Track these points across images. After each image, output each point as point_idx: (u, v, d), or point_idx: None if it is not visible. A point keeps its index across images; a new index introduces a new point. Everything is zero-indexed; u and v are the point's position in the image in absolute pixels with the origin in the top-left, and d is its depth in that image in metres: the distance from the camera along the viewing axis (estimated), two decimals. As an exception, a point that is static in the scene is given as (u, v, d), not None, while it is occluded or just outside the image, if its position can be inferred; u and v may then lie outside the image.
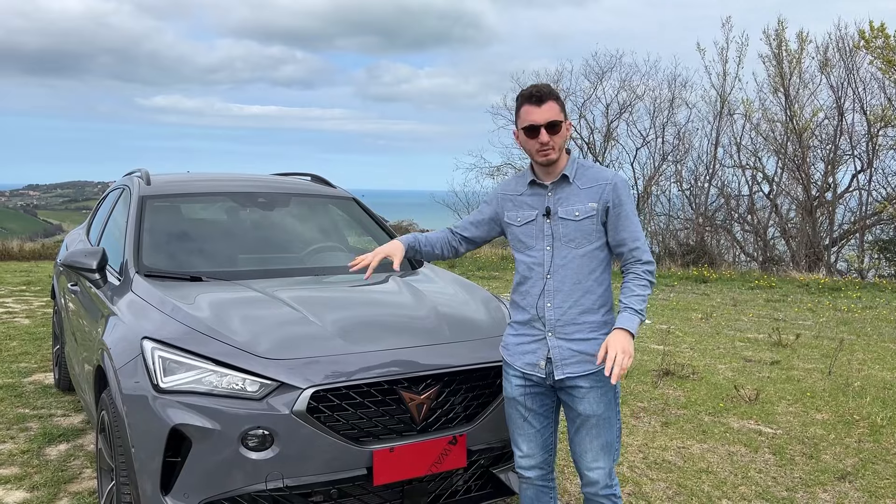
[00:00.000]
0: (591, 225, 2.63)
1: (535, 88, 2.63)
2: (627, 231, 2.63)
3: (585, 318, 2.64)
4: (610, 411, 2.68)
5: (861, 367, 6.60)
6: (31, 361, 6.43)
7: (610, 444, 2.70)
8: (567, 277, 2.64)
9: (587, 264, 2.64)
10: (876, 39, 16.23)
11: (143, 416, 2.76)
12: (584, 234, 2.63)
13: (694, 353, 7.18)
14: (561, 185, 2.67)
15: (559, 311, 2.64)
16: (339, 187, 4.92)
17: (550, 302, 2.65)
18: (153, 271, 3.58)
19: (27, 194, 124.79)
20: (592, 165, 2.73)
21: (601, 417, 2.66)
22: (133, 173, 4.65)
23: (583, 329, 2.64)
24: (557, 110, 2.60)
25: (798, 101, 18.77)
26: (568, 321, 2.64)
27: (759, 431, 4.82)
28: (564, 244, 2.65)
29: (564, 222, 2.64)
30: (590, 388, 2.63)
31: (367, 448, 2.78)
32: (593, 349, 2.61)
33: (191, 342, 2.85)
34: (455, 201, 22.17)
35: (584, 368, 2.62)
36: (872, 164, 18.23)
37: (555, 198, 2.67)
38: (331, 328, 3.04)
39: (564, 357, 2.64)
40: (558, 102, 2.62)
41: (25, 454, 4.21)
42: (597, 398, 2.64)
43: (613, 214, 2.62)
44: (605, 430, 2.67)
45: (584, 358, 2.62)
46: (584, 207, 2.63)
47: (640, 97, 20.33)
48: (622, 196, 2.63)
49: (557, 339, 2.65)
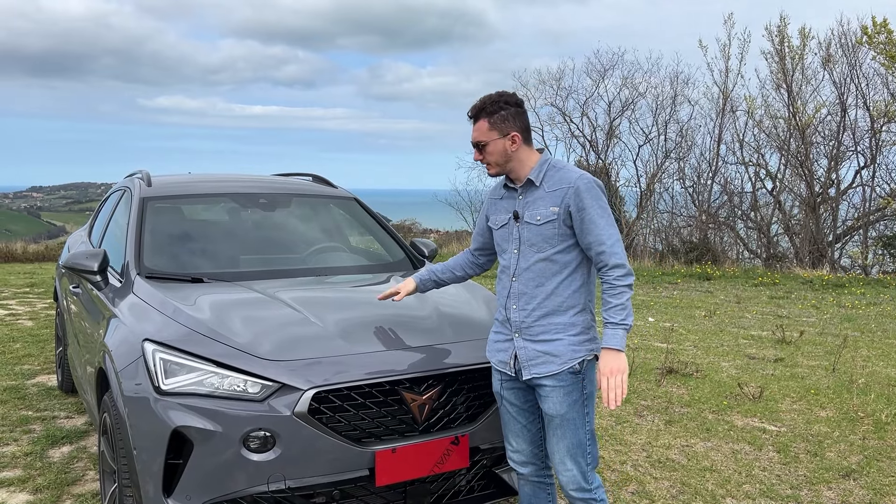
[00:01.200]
0: (552, 229, 2.61)
1: (473, 105, 2.68)
2: (592, 235, 2.56)
3: (550, 319, 2.63)
4: (574, 413, 2.64)
5: (865, 364, 6.58)
6: (35, 363, 6.43)
7: (578, 447, 2.66)
8: (531, 280, 2.65)
9: (550, 268, 2.63)
10: (878, 35, 16.18)
11: (145, 418, 2.76)
12: (546, 239, 2.62)
13: (697, 351, 7.16)
14: (529, 189, 2.67)
15: (524, 314, 2.66)
16: (341, 187, 4.91)
17: (516, 304, 2.68)
18: (154, 273, 3.58)
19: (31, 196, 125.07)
20: (563, 167, 2.68)
21: (564, 418, 2.64)
22: (134, 175, 4.65)
23: (548, 330, 2.64)
24: (485, 129, 2.63)
25: (801, 98, 18.71)
26: (532, 322, 2.65)
27: (763, 429, 4.80)
28: (528, 248, 2.65)
29: (528, 226, 2.65)
30: (553, 388, 2.63)
31: (369, 449, 2.77)
32: (558, 349, 2.62)
33: (192, 344, 2.85)
34: (458, 200, 22.20)
35: (548, 369, 2.63)
36: (876, 160, 18.17)
37: (524, 201, 2.68)
38: (332, 329, 3.03)
39: (530, 357, 2.66)
40: (490, 119, 2.62)
41: (29, 456, 4.21)
42: (559, 398, 2.63)
43: (577, 219, 2.58)
44: (570, 432, 2.65)
45: (548, 359, 2.63)
46: (546, 212, 2.61)
47: (642, 94, 20.30)
48: (584, 199, 2.56)
49: (524, 340, 2.67)
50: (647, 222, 20.74)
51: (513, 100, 2.67)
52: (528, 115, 2.78)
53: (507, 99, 2.66)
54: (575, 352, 2.63)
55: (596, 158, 20.60)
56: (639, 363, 6.46)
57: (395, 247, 4.44)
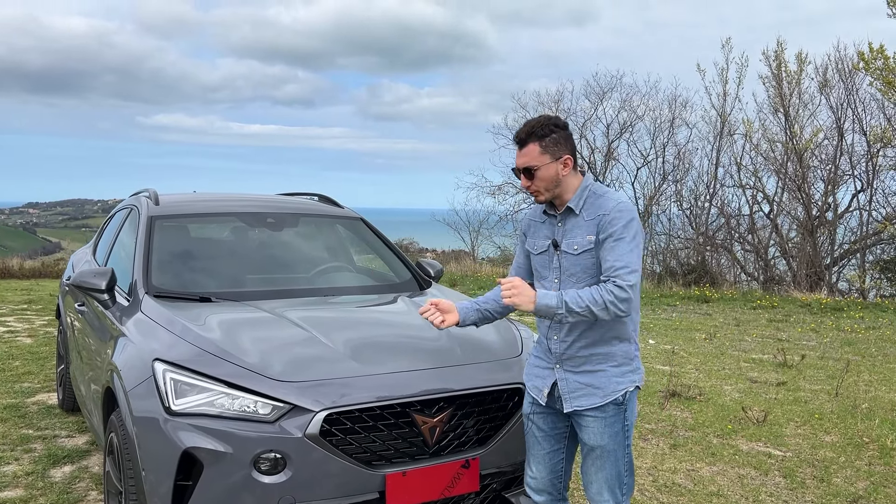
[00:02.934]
0: (590, 259, 2.53)
1: (520, 129, 2.58)
2: (613, 254, 2.45)
3: (592, 350, 2.58)
4: (615, 444, 2.60)
5: (868, 389, 6.57)
6: (35, 381, 6.39)
7: (616, 478, 2.62)
8: None
9: None
10: (875, 61, 16.33)
11: (155, 439, 2.74)
12: (584, 269, 2.54)
13: (700, 374, 7.15)
14: (568, 216, 2.60)
15: (564, 345, 2.61)
16: (347, 207, 4.93)
17: (557, 335, 2.63)
18: (162, 292, 3.57)
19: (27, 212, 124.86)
20: (604, 193, 2.59)
21: (605, 450, 2.60)
22: (141, 193, 4.65)
23: (590, 361, 2.59)
24: (537, 153, 2.52)
25: (798, 122, 18.84)
26: (573, 354, 2.60)
27: (768, 454, 4.78)
28: (568, 278, 2.58)
29: (566, 256, 2.58)
30: (594, 419, 2.59)
31: (379, 472, 2.75)
32: (601, 381, 2.57)
33: (202, 364, 2.83)
34: (455, 220, 22.19)
35: (591, 402, 2.58)
36: (872, 185, 18.27)
37: (563, 229, 2.61)
38: (342, 349, 3.02)
39: (572, 389, 2.61)
40: (541, 143, 2.52)
41: (30, 476, 4.16)
42: (600, 430, 2.59)
43: (605, 243, 2.49)
44: (609, 464, 2.61)
45: (590, 391, 2.58)
46: (583, 241, 2.54)
47: (640, 117, 20.43)
48: (616, 225, 2.47)
49: (565, 372, 2.62)
50: (644, 244, 20.76)
51: (562, 123, 2.59)
52: None
53: (556, 122, 2.58)
54: (618, 384, 2.58)
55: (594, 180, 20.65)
56: (642, 386, 6.43)
57: (401, 267, 4.44)
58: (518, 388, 3.10)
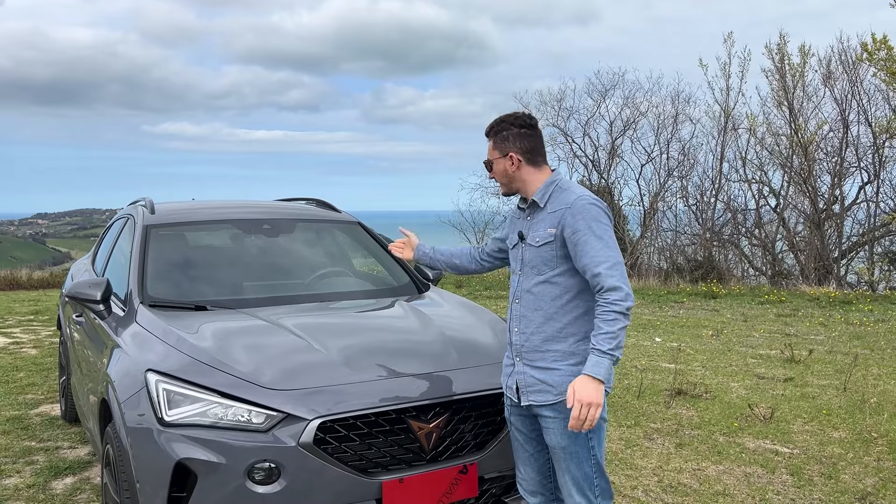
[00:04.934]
0: (550, 251, 2.55)
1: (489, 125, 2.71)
2: (587, 256, 2.44)
3: (549, 346, 2.56)
4: (577, 446, 2.54)
5: (877, 383, 6.50)
6: (38, 392, 6.39)
7: (585, 479, 2.56)
8: (530, 303, 2.60)
9: (549, 291, 2.56)
10: (879, 51, 16.20)
11: (148, 450, 2.72)
12: (545, 261, 2.57)
13: (706, 371, 7.09)
14: (534, 210, 2.64)
15: (523, 337, 2.62)
16: (344, 212, 4.90)
17: (517, 327, 2.64)
18: (158, 301, 3.55)
19: (36, 223, 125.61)
20: (568, 187, 2.59)
21: (567, 451, 2.55)
22: (137, 202, 4.64)
23: (546, 357, 2.56)
24: (490, 148, 2.68)
25: (802, 115, 18.73)
26: (532, 348, 2.59)
27: (775, 451, 4.73)
28: (529, 269, 2.62)
29: (529, 248, 2.62)
30: (554, 419, 2.55)
31: (375, 479, 2.72)
32: (555, 379, 2.53)
33: (195, 374, 2.81)
34: (461, 221, 22.15)
35: (545, 398, 2.56)
36: (879, 176, 18.14)
37: (529, 222, 2.66)
38: (336, 356, 2.99)
39: (529, 384, 2.60)
40: (494, 140, 2.65)
41: (31, 488, 4.15)
42: (561, 430, 2.54)
43: (571, 241, 2.49)
44: (573, 465, 2.56)
45: (544, 387, 2.55)
46: (544, 234, 2.57)
47: (643, 114, 20.33)
48: (578, 220, 2.46)
49: (523, 366, 2.63)
50: (650, 241, 20.68)
51: (519, 121, 2.62)
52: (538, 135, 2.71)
53: (513, 120, 2.63)
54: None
55: (599, 178, 20.61)
56: (647, 385, 6.39)
57: (399, 271, 4.41)
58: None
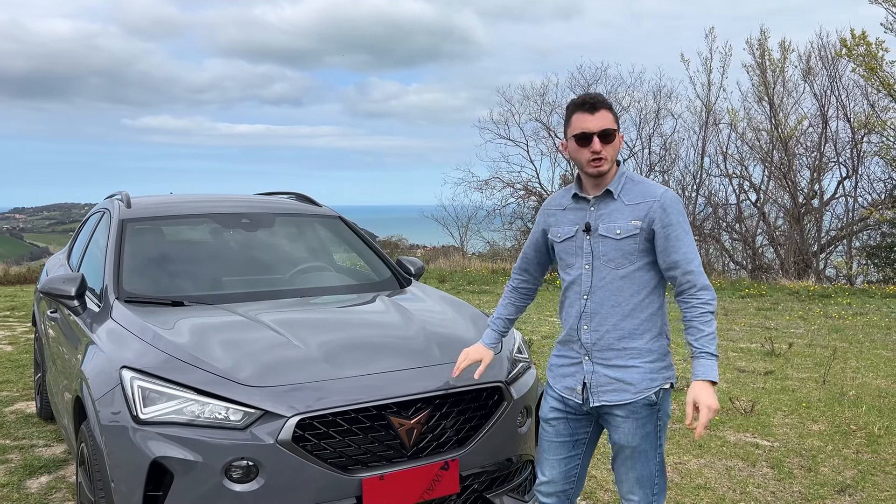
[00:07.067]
0: (633, 244, 2.45)
1: (589, 96, 2.50)
2: (679, 253, 2.42)
3: (626, 343, 2.48)
4: (647, 444, 2.52)
5: (855, 376, 6.56)
6: (13, 390, 6.28)
7: (647, 478, 2.55)
8: (606, 300, 2.48)
9: (628, 286, 2.47)
10: (857, 47, 16.37)
11: (123, 449, 2.67)
12: (625, 255, 2.46)
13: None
14: (604, 200, 2.51)
15: (596, 335, 2.50)
16: (325, 206, 4.84)
17: (588, 324, 2.51)
18: (133, 297, 3.48)
19: (13, 217, 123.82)
20: (642, 181, 2.54)
21: (636, 450, 2.52)
22: (114, 196, 4.56)
23: (622, 355, 2.48)
24: (611, 119, 2.47)
25: (782, 110, 18.89)
26: (606, 346, 2.49)
27: (755, 444, 4.75)
28: (604, 263, 2.49)
29: (605, 240, 2.48)
30: (625, 418, 2.50)
31: (356, 476, 2.69)
32: (634, 377, 2.47)
33: (171, 371, 2.76)
34: (444, 215, 22.13)
35: (621, 397, 2.48)
36: (858, 171, 18.36)
37: (597, 213, 2.52)
38: (316, 352, 2.95)
39: (601, 384, 2.50)
40: (612, 112, 2.48)
41: (5, 488, 4.08)
42: (632, 429, 2.50)
43: (662, 235, 2.43)
44: (640, 463, 2.54)
45: (621, 386, 2.48)
46: (627, 225, 2.46)
47: (625, 109, 20.38)
48: (671, 215, 2.43)
49: (595, 364, 2.52)
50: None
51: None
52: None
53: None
54: (652, 381, 2.48)
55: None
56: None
57: (381, 265, 4.37)
58: (498, 386, 3.04)
